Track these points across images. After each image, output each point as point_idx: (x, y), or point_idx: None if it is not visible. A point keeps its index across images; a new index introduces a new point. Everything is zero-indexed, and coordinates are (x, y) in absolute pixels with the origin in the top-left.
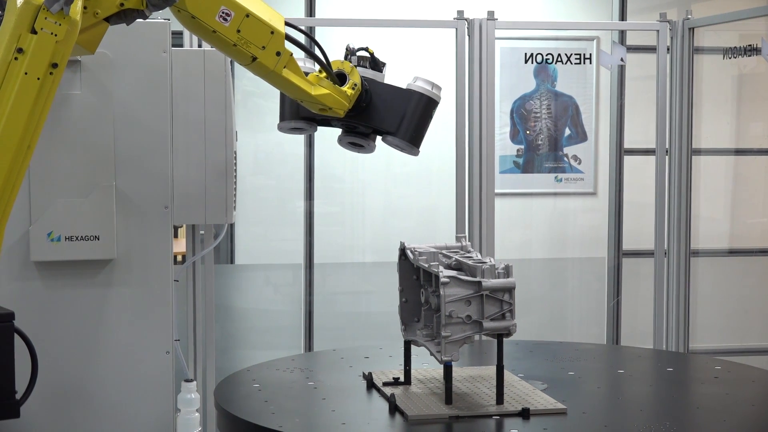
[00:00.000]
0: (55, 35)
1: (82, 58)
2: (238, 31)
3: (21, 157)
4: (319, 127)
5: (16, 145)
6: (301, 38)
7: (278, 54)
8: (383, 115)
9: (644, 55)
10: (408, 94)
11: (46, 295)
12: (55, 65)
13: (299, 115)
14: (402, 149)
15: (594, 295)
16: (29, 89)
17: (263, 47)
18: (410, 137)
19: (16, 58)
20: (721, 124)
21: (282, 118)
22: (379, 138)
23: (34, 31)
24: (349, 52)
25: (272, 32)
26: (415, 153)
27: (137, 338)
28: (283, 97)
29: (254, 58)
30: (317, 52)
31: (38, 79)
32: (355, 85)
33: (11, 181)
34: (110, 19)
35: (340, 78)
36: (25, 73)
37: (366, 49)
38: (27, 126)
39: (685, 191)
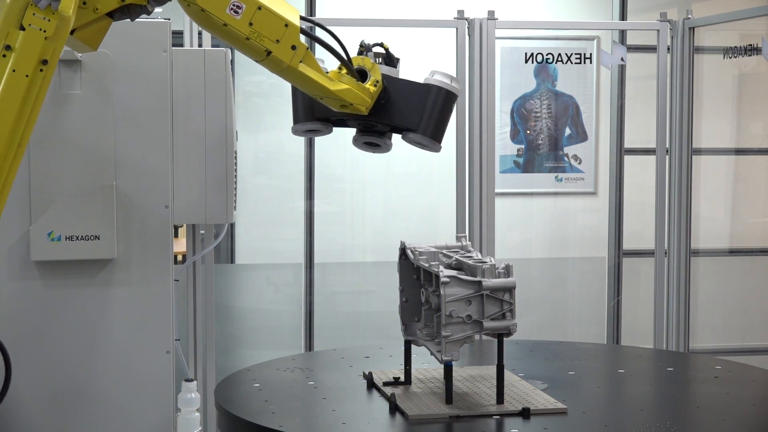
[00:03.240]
0: (44, 31)
1: (82, 57)
2: (250, 24)
3: (11, 155)
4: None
5: (5, 143)
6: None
7: (294, 48)
8: (403, 111)
9: (644, 54)
10: (426, 88)
11: (46, 294)
12: (45, 62)
13: (314, 116)
14: (424, 146)
15: (594, 295)
16: (17, 86)
17: (277, 41)
18: (432, 132)
19: (3, 55)
20: (722, 124)
21: (296, 120)
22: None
23: (22, 28)
24: (365, 48)
25: (286, 25)
26: (438, 149)
27: (137, 338)
28: (295, 97)
29: (268, 53)
30: (337, 49)
31: (27, 76)
32: (377, 81)
33: (1, 180)
34: (113, 15)
35: (360, 75)
36: (13, 71)
37: (381, 45)
38: (16, 123)
39: (685, 191)
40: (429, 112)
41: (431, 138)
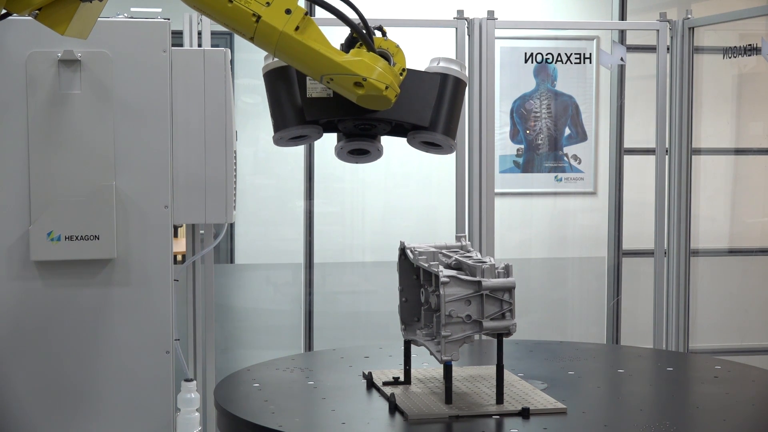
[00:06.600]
0: None
1: (82, 57)
2: None
3: None
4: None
5: None
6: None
7: (288, 12)
8: (411, 106)
9: (644, 54)
10: (434, 78)
11: (46, 294)
12: None
13: (304, 119)
14: (435, 147)
15: (594, 295)
16: None
17: (268, 3)
18: (445, 129)
19: None
20: (721, 124)
21: (280, 126)
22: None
23: None
24: (383, 32)
25: None
26: (453, 149)
27: (137, 338)
28: (277, 100)
29: (258, 18)
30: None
31: None
32: (404, 70)
33: None
34: None
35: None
36: None
37: (380, 28)
38: None
39: (685, 191)
40: (441, 105)
41: (445, 135)
